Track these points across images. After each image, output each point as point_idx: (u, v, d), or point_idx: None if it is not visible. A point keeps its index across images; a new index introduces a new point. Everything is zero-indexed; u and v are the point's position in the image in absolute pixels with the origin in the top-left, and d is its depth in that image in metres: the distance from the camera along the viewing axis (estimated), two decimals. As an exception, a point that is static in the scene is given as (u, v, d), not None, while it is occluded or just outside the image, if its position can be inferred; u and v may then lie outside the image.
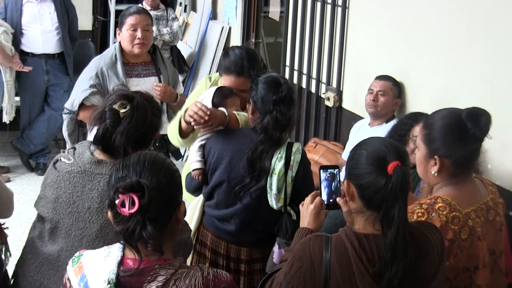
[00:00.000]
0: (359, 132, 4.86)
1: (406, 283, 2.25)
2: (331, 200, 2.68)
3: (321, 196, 2.72)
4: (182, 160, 5.92)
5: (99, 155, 2.93)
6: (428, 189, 2.92)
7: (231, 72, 3.72)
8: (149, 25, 4.46)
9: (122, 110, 2.85)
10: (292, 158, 3.38)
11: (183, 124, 3.57)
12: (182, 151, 7.36)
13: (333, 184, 2.69)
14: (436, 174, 2.69)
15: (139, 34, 4.38)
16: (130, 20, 4.39)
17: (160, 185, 2.16)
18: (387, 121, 4.64)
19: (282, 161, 3.36)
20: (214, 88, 3.70)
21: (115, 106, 2.87)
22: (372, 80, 4.76)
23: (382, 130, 4.54)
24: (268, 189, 3.38)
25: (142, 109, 2.90)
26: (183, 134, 3.63)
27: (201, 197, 3.65)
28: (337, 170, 2.71)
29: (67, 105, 4.38)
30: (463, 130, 2.61)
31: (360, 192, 2.33)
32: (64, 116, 4.42)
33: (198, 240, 3.68)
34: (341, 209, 2.53)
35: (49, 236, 2.94)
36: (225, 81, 3.75)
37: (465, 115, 2.62)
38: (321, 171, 2.70)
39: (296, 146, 3.42)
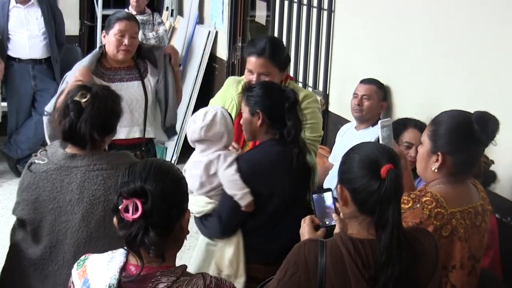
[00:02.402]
0: (346, 136, 4.88)
1: (401, 287, 2.25)
2: (327, 223, 2.67)
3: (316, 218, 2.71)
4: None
5: (71, 150, 3.01)
6: None
7: (252, 53, 3.74)
8: (136, 32, 4.44)
9: (83, 100, 2.95)
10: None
11: None
12: (169, 155, 7.38)
13: (326, 207, 2.69)
14: (436, 171, 2.72)
15: (126, 41, 4.35)
16: (118, 26, 4.36)
17: (165, 191, 2.16)
18: (373, 125, 4.65)
19: (312, 153, 3.44)
20: None
21: (76, 98, 2.97)
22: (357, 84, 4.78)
23: (369, 133, 4.56)
24: (311, 186, 3.42)
25: (102, 96, 3.01)
26: None
27: (240, 244, 3.35)
28: (329, 192, 2.71)
29: (48, 108, 4.37)
30: (470, 132, 2.66)
31: (353, 196, 2.33)
32: (45, 118, 4.40)
33: (249, 279, 3.37)
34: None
35: (33, 237, 2.99)
36: (248, 64, 3.78)
37: (475, 118, 2.67)
38: (313, 196, 2.71)
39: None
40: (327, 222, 2.67)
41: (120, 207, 2.13)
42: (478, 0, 3.96)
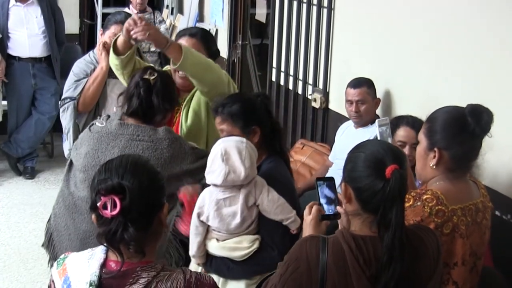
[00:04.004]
0: (345, 134, 4.86)
1: (402, 286, 2.24)
2: (330, 211, 2.65)
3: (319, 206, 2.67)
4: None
5: (127, 121, 3.40)
6: None
7: (185, 35, 3.85)
8: None
9: (152, 77, 3.38)
10: None
11: (120, 40, 3.58)
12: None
13: (331, 195, 2.68)
14: (434, 167, 2.71)
15: None
16: (114, 29, 4.36)
17: (142, 186, 2.16)
18: (371, 122, 4.63)
19: None
20: None
21: (146, 76, 3.38)
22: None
23: (368, 131, 4.54)
24: None
25: (165, 73, 3.52)
26: (118, 50, 3.63)
27: None
28: (333, 181, 2.70)
29: (66, 94, 4.40)
30: (463, 125, 2.66)
31: (357, 195, 2.32)
32: (64, 106, 4.40)
33: None
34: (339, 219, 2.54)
35: (80, 183, 3.38)
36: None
37: (468, 111, 2.67)
38: (318, 182, 2.68)
39: None
40: (330, 211, 2.65)
41: (98, 204, 2.13)
42: (477, -1, 3.96)
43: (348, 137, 4.71)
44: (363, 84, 4.66)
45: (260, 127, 3.19)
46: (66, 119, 4.42)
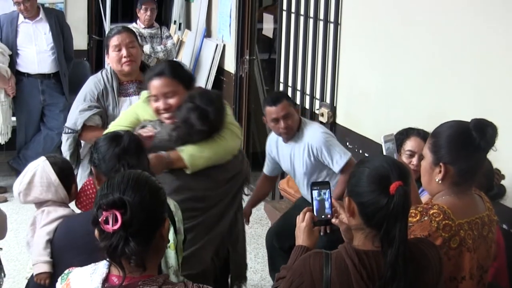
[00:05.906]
0: (281, 149, 4.75)
1: None
2: (322, 216, 2.66)
3: (313, 212, 2.67)
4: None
5: None
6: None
7: (152, 77, 3.67)
8: (133, 41, 4.42)
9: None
10: (175, 218, 3.00)
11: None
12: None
13: (324, 201, 2.68)
14: (440, 182, 2.71)
15: (124, 52, 4.34)
16: (112, 42, 4.36)
17: (143, 201, 2.17)
18: (298, 129, 4.57)
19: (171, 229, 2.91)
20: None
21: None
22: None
23: (302, 142, 4.54)
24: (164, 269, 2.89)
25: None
26: None
27: None
28: (328, 186, 2.70)
29: (69, 124, 4.37)
30: (469, 139, 2.65)
31: (361, 210, 2.33)
32: (65, 135, 4.39)
33: None
34: (332, 225, 2.56)
35: None
36: (152, 89, 3.66)
37: (472, 125, 2.67)
38: (313, 187, 2.70)
39: (172, 202, 3.00)
40: (322, 216, 2.65)
41: (100, 219, 2.14)
42: (483, 12, 3.97)
43: (287, 151, 4.66)
44: (282, 98, 4.56)
45: (96, 168, 2.91)
46: (65, 147, 4.41)
